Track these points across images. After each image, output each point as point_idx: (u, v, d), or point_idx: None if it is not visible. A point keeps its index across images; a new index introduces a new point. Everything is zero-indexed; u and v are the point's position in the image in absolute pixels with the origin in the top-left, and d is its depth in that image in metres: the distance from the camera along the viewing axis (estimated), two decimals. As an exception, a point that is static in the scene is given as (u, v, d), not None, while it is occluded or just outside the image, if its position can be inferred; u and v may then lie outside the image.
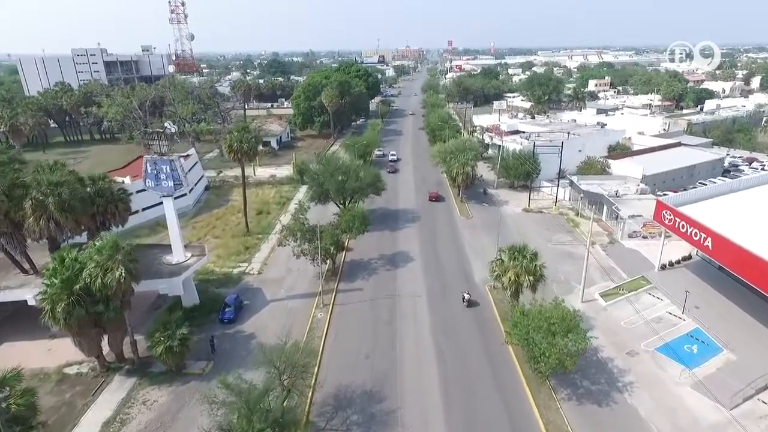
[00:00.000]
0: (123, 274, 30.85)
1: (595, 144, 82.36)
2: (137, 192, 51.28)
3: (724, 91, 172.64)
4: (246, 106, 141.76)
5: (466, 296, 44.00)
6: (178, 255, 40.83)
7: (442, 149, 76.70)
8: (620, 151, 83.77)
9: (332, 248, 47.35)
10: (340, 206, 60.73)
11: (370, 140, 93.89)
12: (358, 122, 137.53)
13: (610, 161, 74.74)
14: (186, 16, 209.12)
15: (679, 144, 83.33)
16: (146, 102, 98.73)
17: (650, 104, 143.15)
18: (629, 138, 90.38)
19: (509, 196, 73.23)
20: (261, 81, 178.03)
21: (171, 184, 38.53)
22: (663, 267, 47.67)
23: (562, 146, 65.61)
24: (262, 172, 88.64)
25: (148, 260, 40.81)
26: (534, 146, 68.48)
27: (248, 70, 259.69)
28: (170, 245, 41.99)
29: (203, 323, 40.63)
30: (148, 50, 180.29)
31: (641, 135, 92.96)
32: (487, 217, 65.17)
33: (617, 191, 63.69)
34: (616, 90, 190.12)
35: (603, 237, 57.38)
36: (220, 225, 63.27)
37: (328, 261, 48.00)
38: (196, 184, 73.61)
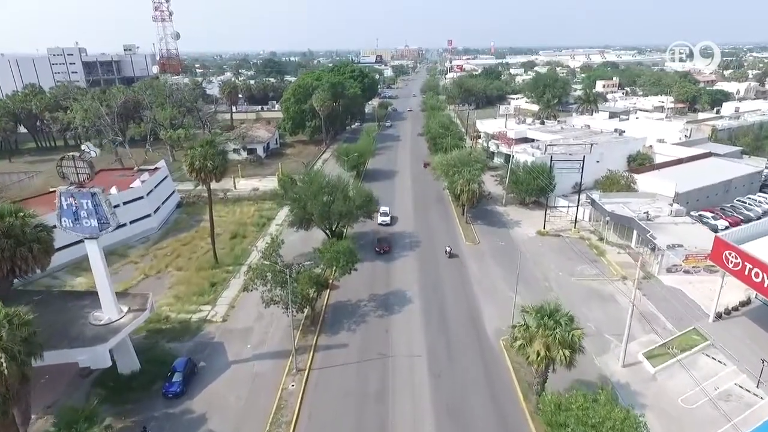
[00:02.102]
0: (4, 364, 21.96)
1: (613, 154, 73.55)
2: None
3: (738, 92, 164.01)
4: (233, 109, 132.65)
5: (448, 249, 51.71)
6: (109, 311, 31.83)
7: (443, 161, 67.58)
8: (641, 161, 74.92)
9: (312, 291, 38.51)
10: (327, 232, 52.08)
11: (364, 149, 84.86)
12: (352, 126, 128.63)
13: (635, 176, 65.81)
14: (171, 14, 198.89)
15: (709, 154, 74.34)
16: (115, 106, 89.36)
17: (663, 106, 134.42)
18: (650, 147, 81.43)
19: (521, 215, 64.33)
20: (252, 82, 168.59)
21: (94, 223, 29.51)
22: (719, 316, 38.86)
23: (583, 160, 56.71)
24: (244, 185, 79.70)
25: (68, 318, 31.98)
26: (551, 160, 59.47)
27: (242, 71, 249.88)
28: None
29: (142, 398, 31.69)
30: (130, 50, 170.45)
31: (661, 143, 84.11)
32: (497, 242, 56.39)
33: (647, 213, 54.79)
34: (624, 91, 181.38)
35: (634, 269, 48.35)
36: (187, 252, 54.22)
37: (306, 308, 39.04)
38: (164, 202, 64.63)
